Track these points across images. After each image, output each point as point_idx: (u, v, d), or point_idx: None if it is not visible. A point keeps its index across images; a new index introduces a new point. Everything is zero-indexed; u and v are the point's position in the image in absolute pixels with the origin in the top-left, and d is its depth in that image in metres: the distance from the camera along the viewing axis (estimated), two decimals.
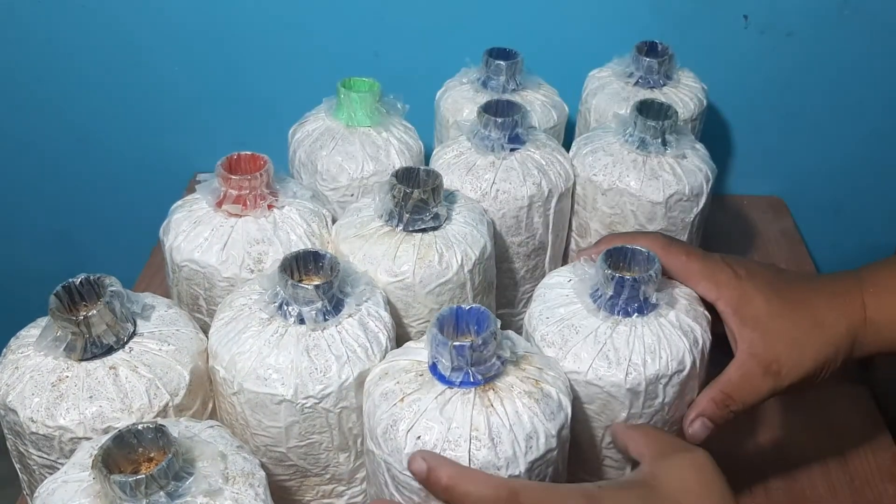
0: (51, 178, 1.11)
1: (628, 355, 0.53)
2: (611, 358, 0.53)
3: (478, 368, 0.48)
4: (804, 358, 0.54)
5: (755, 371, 0.54)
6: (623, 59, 0.85)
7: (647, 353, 0.53)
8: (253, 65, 0.99)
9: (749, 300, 0.54)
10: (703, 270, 0.56)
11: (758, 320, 0.54)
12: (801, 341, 0.54)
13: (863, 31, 0.94)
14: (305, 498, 0.60)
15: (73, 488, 0.45)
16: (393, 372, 0.51)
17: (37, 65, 1.00)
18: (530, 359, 0.51)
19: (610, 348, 0.54)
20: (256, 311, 0.55)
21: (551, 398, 0.49)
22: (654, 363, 0.53)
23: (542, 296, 0.59)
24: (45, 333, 0.52)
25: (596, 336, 0.54)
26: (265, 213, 0.64)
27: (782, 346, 0.53)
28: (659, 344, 0.54)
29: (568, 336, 0.55)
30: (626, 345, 0.53)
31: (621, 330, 0.54)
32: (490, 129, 0.69)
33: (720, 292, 0.55)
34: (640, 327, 0.54)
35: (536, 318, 0.57)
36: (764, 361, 0.53)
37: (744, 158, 1.05)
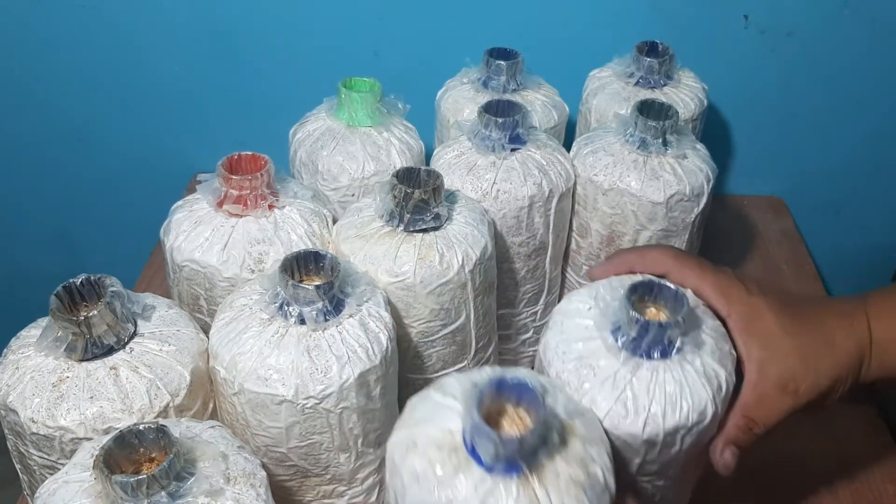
0: (51, 178, 1.11)
1: (647, 404, 0.49)
2: (629, 407, 0.49)
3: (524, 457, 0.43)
4: (819, 375, 0.53)
5: (771, 391, 0.53)
6: (623, 59, 0.85)
7: (667, 404, 0.50)
8: (254, 65, 0.99)
9: (760, 316, 0.53)
10: (716, 285, 0.54)
11: (768, 338, 0.53)
12: (815, 359, 0.53)
13: (863, 31, 0.94)
14: (306, 498, 0.60)
15: (74, 488, 0.45)
16: (422, 445, 0.45)
17: (37, 65, 1.00)
18: (574, 428, 0.46)
19: (629, 395, 0.50)
20: (257, 312, 0.55)
21: (598, 481, 0.45)
22: (674, 414, 0.50)
23: (558, 324, 0.54)
24: (45, 334, 0.52)
25: (615, 380, 0.50)
26: (266, 213, 0.64)
27: (796, 364, 0.53)
28: (681, 393, 0.50)
29: (585, 377, 0.51)
30: (647, 392, 0.50)
31: (642, 375, 0.50)
32: (491, 129, 0.69)
33: (731, 308, 0.54)
34: (663, 373, 0.50)
35: (552, 352, 0.53)
36: (779, 381, 0.53)
37: (744, 158, 1.05)
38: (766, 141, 1.04)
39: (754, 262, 0.96)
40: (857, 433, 0.74)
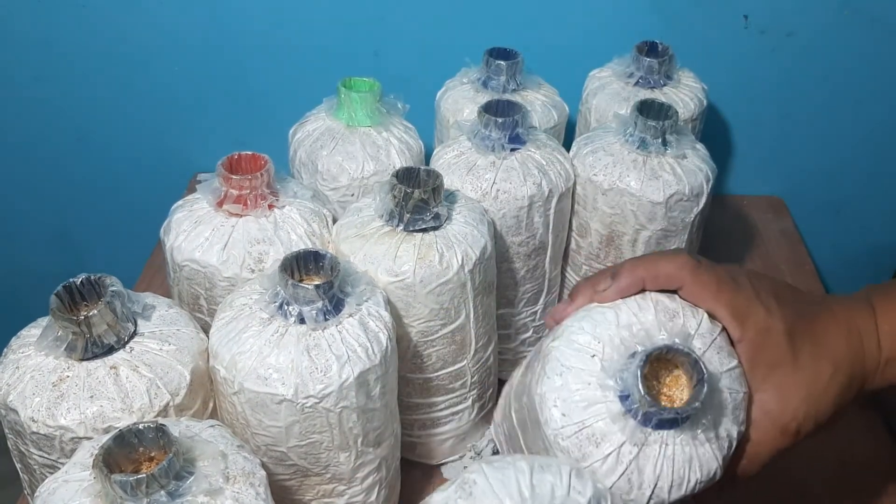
0: (52, 178, 1.11)
1: (654, 481, 0.46)
2: (633, 482, 0.46)
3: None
4: (820, 410, 0.50)
5: (771, 432, 0.50)
6: (623, 59, 0.85)
7: (675, 477, 0.46)
8: (253, 65, 0.99)
9: (771, 344, 0.50)
10: (731, 306, 0.50)
11: (776, 369, 0.50)
12: (819, 394, 0.50)
13: (863, 31, 0.94)
14: (306, 497, 0.60)
15: (73, 488, 0.45)
16: None
17: (37, 65, 1.00)
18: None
19: (634, 470, 0.46)
20: (257, 311, 0.55)
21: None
22: (679, 488, 0.47)
23: (558, 370, 0.48)
24: (45, 333, 0.52)
25: (619, 455, 0.46)
26: (266, 212, 0.64)
27: (799, 402, 0.50)
28: (690, 466, 0.46)
29: (586, 450, 0.46)
30: (654, 469, 0.46)
31: (649, 451, 0.46)
32: (490, 129, 0.69)
33: (744, 332, 0.50)
34: (672, 446, 0.46)
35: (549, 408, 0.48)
36: (779, 422, 0.50)
37: (744, 158, 1.05)
38: (765, 141, 1.04)
39: (754, 262, 0.96)
40: (859, 439, 0.74)
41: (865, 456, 0.72)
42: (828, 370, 0.50)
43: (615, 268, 0.52)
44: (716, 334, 0.50)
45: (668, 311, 0.50)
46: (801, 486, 0.70)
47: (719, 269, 0.51)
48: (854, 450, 0.73)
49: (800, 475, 0.70)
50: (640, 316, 0.49)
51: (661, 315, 0.49)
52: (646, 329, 0.49)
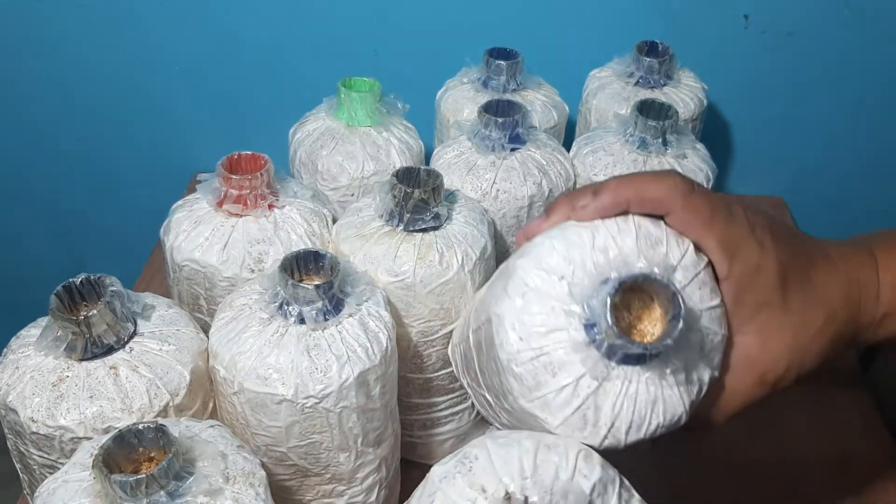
0: (52, 177, 1.12)
1: (611, 420, 0.42)
2: (588, 418, 0.42)
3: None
4: (805, 361, 0.46)
5: (746, 380, 0.46)
6: (623, 58, 0.85)
7: (635, 418, 0.42)
8: (253, 64, 0.99)
9: (762, 283, 0.45)
10: (722, 239, 0.45)
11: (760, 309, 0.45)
12: (806, 342, 0.46)
13: (863, 30, 0.94)
14: (306, 498, 0.60)
15: (73, 488, 0.45)
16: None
17: (37, 65, 1.00)
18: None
19: (591, 406, 0.42)
20: (257, 311, 0.55)
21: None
22: (639, 431, 0.43)
23: (520, 290, 0.44)
24: (45, 333, 0.52)
25: (577, 388, 0.42)
26: (266, 212, 0.64)
27: (782, 349, 0.46)
28: (653, 409, 0.43)
29: (541, 378, 0.43)
30: (612, 407, 0.42)
31: (609, 387, 0.42)
32: (491, 129, 0.69)
33: (732, 269, 0.45)
34: (636, 384, 0.42)
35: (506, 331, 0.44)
36: (758, 369, 0.46)
37: (744, 158, 1.05)
38: (766, 140, 1.04)
39: None
40: (855, 431, 0.74)
41: (865, 456, 0.72)
42: (819, 318, 0.46)
43: (598, 184, 0.46)
44: (700, 268, 0.45)
45: (651, 238, 0.45)
46: (800, 485, 0.70)
47: (714, 196, 0.46)
48: (854, 450, 0.73)
49: (799, 474, 0.71)
50: (619, 240, 0.44)
51: (643, 241, 0.44)
52: (623, 255, 0.44)
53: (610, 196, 0.45)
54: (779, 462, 0.71)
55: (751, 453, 0.72)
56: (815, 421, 0.75)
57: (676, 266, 0.44)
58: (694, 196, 0.45)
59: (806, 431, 0.74)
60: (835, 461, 0.72)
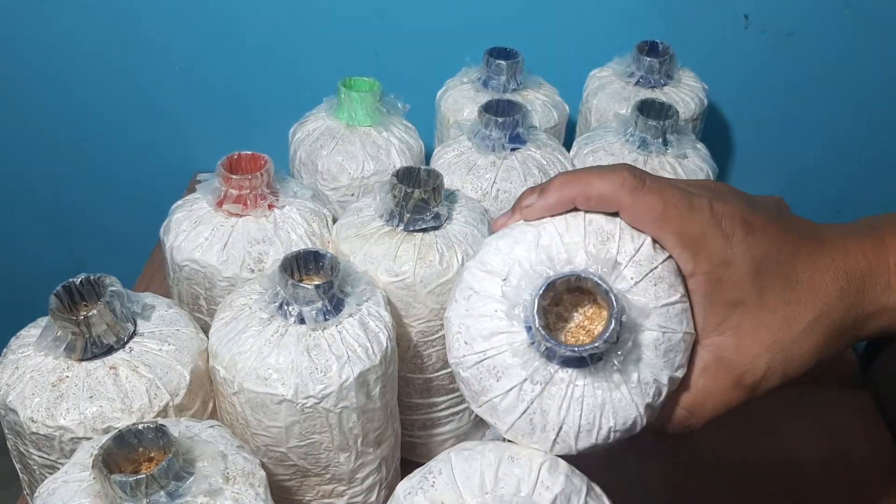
0: (51, 178, 1.11)
1: (558, 424, 0.41)
2: (535, 423, 0.41)
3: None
4: (790, 364, 0.42)
5: (722, 381, 0.43)
6: (624, 58, 0.85)
7: (583, 423, 0.41)
8: (253, 64, 0.99)
9: (733, 279, 0.41)
10: (681, 233, 0.41)
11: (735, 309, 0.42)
12: (790, 343, 0.42)
13: (863, 30, 0.94)
14: (306, 498, 0.60)
15: (73, 488, 0.45)
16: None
17: (36, 65, 1.00)
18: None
19: (536, 410, 0.41)
20: (257, 311, 0.55)
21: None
22: (589, 437, 0.41)
23: (465, 294, 0.43)
24: (45, 333, 0.52)
25: (521, 392, 0.41)
26: (266, 212, 0.64)
27: (761, 350, 0.42)
28: (602, 411, 0.40)
29: (486, 382, 0.41)
30: (558, 410, 0.40)
31: (554, 391, 0.40)
32: (491, 129, 0.69)
33: (697, 265, 0.41)
34: (582, 388, 0.40)
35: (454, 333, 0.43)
36: (733, 370, 0.42)
37: (744, 158, 1.05)
38: (766, 141, 1.04)
39: None
40: (855, 432, 0.74)
41: (865, 456, 0.72)
42: (806, 315, 0.42)
43: (545, 182, 0.44)
44: (656, 263, 0.42)
45: (602, 234, 0.42)
46: (800, 485, 0.70)
47: (669, 188, 0.42)
48: (854, 450, 0.73)
49: (799, 474, 0.70)
50: (566, 237, 0.42)
51: (592, 237, 0.42)
52: (568, 252, 0.41)
53: (554, 194, 0.43)
54: (779, 463, 0.71)
55: (750, 454, 0.72)
56: (815, 421, 0.75)
57: (627, 262, 0.41)
58: (644, 190, 0.41)
59: (806, 432, 0.74)
60: (835, 462, 0.72)
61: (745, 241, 0.41)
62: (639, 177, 0.42)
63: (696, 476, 0.70)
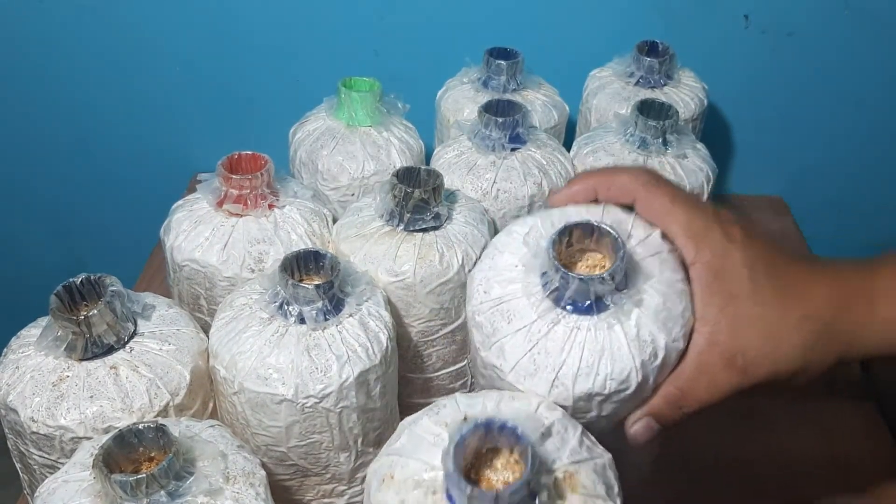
0: (52, 178, 1.11)
1: (559, 365, 0.43)
2: (538, 363, 0.44)
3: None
4: (778, 355, 0.45)
5: (715, 362, 0.45)
6: (624, 58, 0.85)
7: (582, 367, 0.43)
8: (254, 64, 0.99)
9: (730, 271, 0.45)
10: (687, 224, 0.45)
11: (732, 299, 0.45)
12: (779, 336, 0.45)
13: (863, 30, 0.94)
14: (306, 497, 0.60)
15: (73, 488, 0.45)
16: (400, 479, 0.41)
17: (37, 65, 1.00)
18: (574, 478, 0.40)
19: (541, 350, 0.44)
20: (257, 311, 0.55)
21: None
22: (587, 380, 0.43)
23: (490, 257, 0.48)
24: (45, 333, 0.52)
25: (529, 332, 0.44)
26: (266, 212, 0.64)
27: (753, 337, 0.44)
28: (600, 358, 0.43)
29: (498, 324, 0.45)
30: (560, 351, 0.43)
31: (559, 331, 0.44)
32: (491, 129, 0.69)
33: (699, 255, 0.45)
34: (585, 332, 0.43)
35: (475, 287, 0.47)
36: (726, 353, 0.45)
37: (744, 158, 1.05)
38: (766, 140, 1.04)
39: None
40: (857, 434, 0.74)
41: (866, 457, 0.72)
42: (796, 312, 0.45)
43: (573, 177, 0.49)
44: (663, 249, 0.46)
45: (618, 218, 0.46)
46: (800, 486, 0.70)
47: (681, 190, 0.47)
48: (854, 449, 0.73)
49: (799, 475, 0.70)
50: (586, 212, 0.47)
51: (608, 216, 0.46)
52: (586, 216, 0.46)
53: (579, 183, 0.48)
54: (779, 464, 0.71)
55: (750, 455, 0.72)
56: (816, 423, 0.75)
57: (637, 243, 0.45)
58: (658, 184, 0.47)
59: (806, 433, 0.74)
60: (836, 464, 0.71)
61: (743, 242, 0.45)
62: (655, 176, 0.47)
63: (696, 477, 0.70)
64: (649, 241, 0.46)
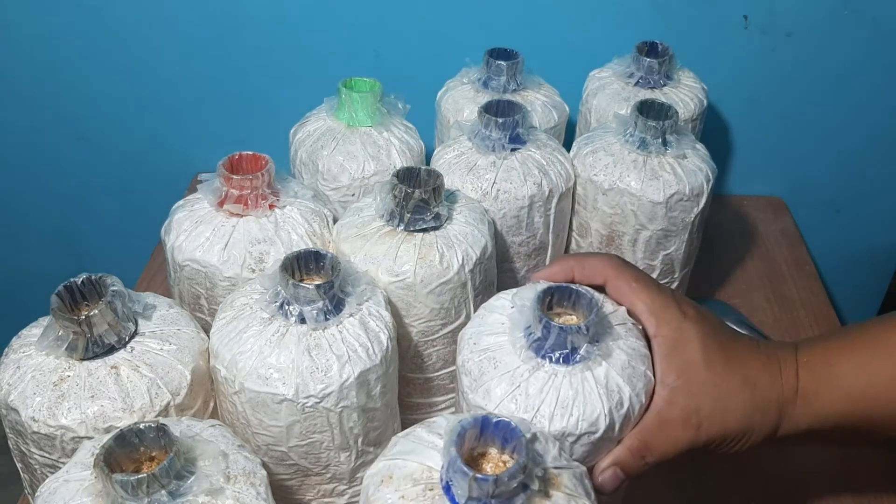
0: (52, 177, 1.12)
1: (537, 405, 0.49)
2: (519, 402, 0.50)
3: (500, 501, 0.41)
4: (727, 416, 0.51)
5: (674, 420, 0.51)
6: (623, 59, 0.85)
7: (558, 408, 0.49)
8: (254, 64, 0.99)
9: (685, 344, 0.52)
10: (649, 302, 0.53)
11: (687, 367, 0.52)
12: (727, 398, 0.51)
13: (862, 31, 0.94)
14: (306, 497, 0.60)
15: (74, 487, 0.45)
16: (398, 477, 0.44)
17: (38, 65, 1.00)
18: (558, 480, 0.44)
19: (522, 393, 0.50)
20: (258, 311, 0.55)
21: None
22: (562, 420, 0.49)
23: (480, 317, 0.55)
24: (46, 333, 0.52)
25: (512, 377, 0.50)
26: (266, 212, 0.64)
27: (706, 399, 0.51)
28: (574, 400, 0.49)
29: (485, 369, 0.51)
30: (539, 393, 0.49)
31: (539, 376, 0.50)
32: (491, 129, 0.69)
33: (659, 329, 0.52)
34: (561, 377, 0.50)
35: (465, 342, 0.54)
36: (684, 412, 0.51)
37: (744, 158, 1.06)
38: (765, 141, 1.04)
39: (754, 262, 0.96)
40: None
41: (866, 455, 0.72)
42: (738, 380, 0.52)
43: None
44: (629, 324, 0.53)
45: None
46: (802, 484, 0.70)
47: (645, 274, 0.56)
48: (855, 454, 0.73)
49: (801, 474, 0.71)
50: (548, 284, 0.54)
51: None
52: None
53: (557, 264, 0.57)
54: (779, 466, 0.71)
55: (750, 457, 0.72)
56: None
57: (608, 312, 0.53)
58: (625, 269, 0.55)
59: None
60: (836, 460, 0.72)
61: (696, 320, 0.53)
62: (623, 261, 0.56)
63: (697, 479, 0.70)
64: (617, 314, 0.54)
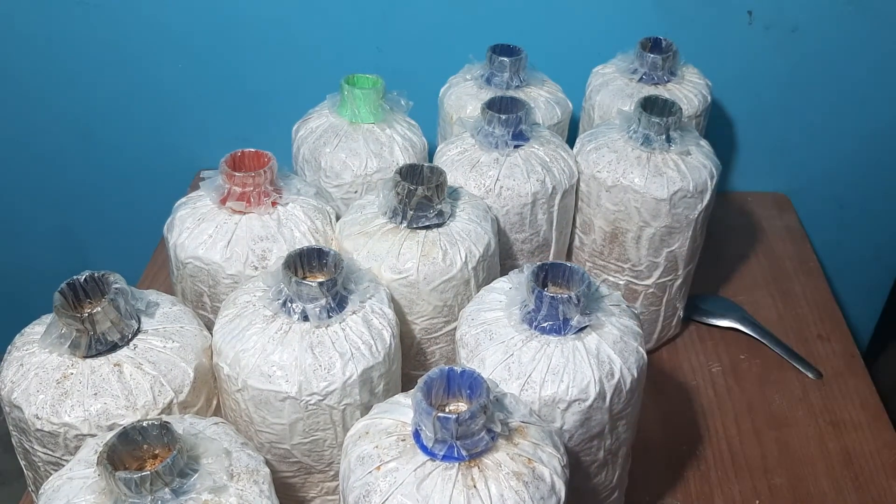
0: (55, 176, 1.12)
1: (529, 371, 0.51)
2: (512, 370, 0.52)
3: (464, 443, 0.43)
4: None
5: None
6: (627, 55, 0.85)
7: (548, 374, 0.51)
8: (257, 62, 0.99)
9: None
10: None
11: None
12: None
13: (867, 26, 0.94)
14: (309, 495, 0.60)
15: (78, 485, 0.45)
16: (374, 432, 0.46)
17: (40, 64, 1.00)
18: (525, 431, 0.46)
19: (515, 360, 0.52)
20: (260, 308, 0.55)
21: (543, 481, 0.44)
22: (552, 385, 0.51)
23: (480, 297, 0.57)
24: (49, 330, 0.52)
25: (506, 346, 0.53)
26: (269, 209, 0.64)
27: None
28: (564, 368, 0.51)
29: (481, 340, 0.54)
30: (531, 360, 0.52)
31: (532, 345, 0.52)
32: (494, 126, 0.69)
33: None
34: (553, 347, 0.52)
35: (464, 319, 0.56)
36: None
37: (748, 155, 1.05)
38: (769, 137, 1.03)
39: (758, 258, 0.96)
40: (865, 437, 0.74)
41: (870, 452, 0.72)
42: None
43: None
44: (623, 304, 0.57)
45: None
46: (804, 481, 0.70)
47: None
48: (859, 448, 0.73)
49: (803, 470, 0.70)
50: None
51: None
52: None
53: None
54: (783, 458, 0.71)
55: (754, 450, 0.72)
56: (820, 417, 0.75)
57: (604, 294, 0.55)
58: None
59: (810, 428, 0.74)
60: (839, 458, 0.72)
61: None
62: None
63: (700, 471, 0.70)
64: (613, 296, 0.56)
